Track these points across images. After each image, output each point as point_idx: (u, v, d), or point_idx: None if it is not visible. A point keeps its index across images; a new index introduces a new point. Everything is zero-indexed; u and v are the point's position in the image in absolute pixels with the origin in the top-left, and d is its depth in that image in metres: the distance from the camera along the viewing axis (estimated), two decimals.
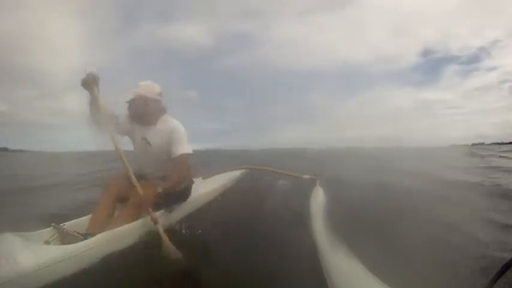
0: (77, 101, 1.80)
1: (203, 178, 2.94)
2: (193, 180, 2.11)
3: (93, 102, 1.64)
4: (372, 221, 2.06)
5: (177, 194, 1.90)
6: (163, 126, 1.84)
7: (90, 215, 1.65)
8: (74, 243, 1.32)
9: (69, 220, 1.63)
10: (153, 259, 1.48)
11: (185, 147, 1.79)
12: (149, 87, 1.82)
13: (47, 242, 1.41)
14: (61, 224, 1.52)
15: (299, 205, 2.57)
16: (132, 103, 1.79)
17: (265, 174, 4.05)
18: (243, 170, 3.65)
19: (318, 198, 2.63)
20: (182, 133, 1.82)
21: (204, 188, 2.48)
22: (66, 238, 1.44)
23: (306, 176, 3.33)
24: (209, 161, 7.51)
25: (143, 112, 1.81)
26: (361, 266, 1.16)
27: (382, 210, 2.38)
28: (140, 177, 1.80)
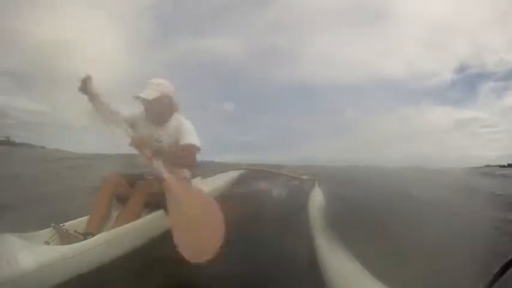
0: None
1: (202, 178, 2.94)
2: (191, 182, 2.09)
3: (93, 100, 1.66)
4: None
5: None
6: (173, 123, 1.80)
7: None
8: (74, 243, 1.31)
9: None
10: (154, 259, 1.48)
11: (194, 139, 1.72)
12: (169, 85, 1.79)
13: (47, 242, 1.40)
14: (61, 224, 1.52)
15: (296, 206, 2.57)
16: (153, 102, 1.70)
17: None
18: (242, 171, 3.66)
19: (317, 199, 2.66)
20: (191, 126, 1.78)
21: (203, 189, 2.46)
22: (66, 238, 1.43)
23: (305, 177, 3.36)
24: None
25: (164, 110, 1.78)
26: (360, 266, 1.17)
27: None
28: (140, 177, 1.79)
